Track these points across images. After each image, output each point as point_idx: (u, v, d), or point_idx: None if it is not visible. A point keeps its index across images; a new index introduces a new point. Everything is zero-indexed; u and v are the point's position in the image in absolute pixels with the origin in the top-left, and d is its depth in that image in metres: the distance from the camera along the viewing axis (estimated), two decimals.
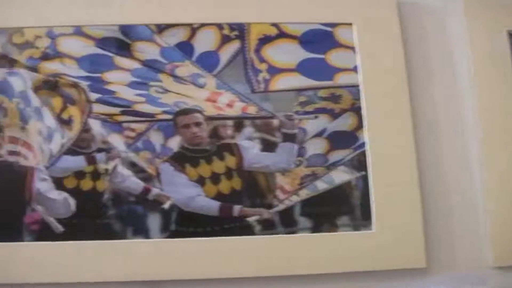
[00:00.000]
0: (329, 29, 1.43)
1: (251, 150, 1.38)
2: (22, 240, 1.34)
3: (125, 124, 1.39)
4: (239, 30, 1.42)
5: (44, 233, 1.34)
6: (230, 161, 1.38)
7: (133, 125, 1.39)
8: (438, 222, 1.38)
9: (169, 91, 1.40)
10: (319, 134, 1.39)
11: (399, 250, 1.33)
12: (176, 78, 1.40)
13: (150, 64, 1.40)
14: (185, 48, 1.41)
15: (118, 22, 1.41)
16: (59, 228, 1.34)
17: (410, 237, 1.34)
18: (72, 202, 1.36)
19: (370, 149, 1.38)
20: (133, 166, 1.38)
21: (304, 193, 1.38)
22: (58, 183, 1.36)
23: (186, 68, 1.41)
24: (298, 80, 1.41)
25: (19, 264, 1.31)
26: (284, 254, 1.33)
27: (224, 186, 1.37)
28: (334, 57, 1.42)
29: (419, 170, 1.38)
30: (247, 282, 1.33)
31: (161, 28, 1.42)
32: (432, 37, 1.49)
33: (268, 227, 1.35)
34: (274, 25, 1.43)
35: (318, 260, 1.33)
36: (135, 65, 1.40)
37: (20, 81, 1.39)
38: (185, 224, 1.35)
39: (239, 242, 1.34)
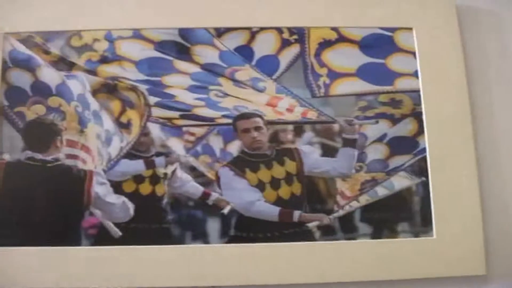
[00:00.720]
0: (389, 33, 1.41)
1: (311, 155, 1.37)
2: (79, 244, 1.33)
3: (184, 128, 1.38)
4: (299, 34, 1.41)
5: (102, 237, 1.34)
6: (290, 166, 1.38)
7: (192, 129, 1.39)
8: (499, 229, 1.37)
9: (229, 95, 1.39)
10: (379, 140, 1.38)
11: (459, 257, 1.32)
12: (236, 82, 1.39)
13: (209, 68, 1.40)
14: (245, 52, 1.41)
15: (177, 26, 1.40)
16: (117, 232, 1.34)
17: (470, 244, 1.33)
18: (130, 206, 1.35)
19: (430, 155, 1.36)
20: (192, 170, 1.38)
21: (364, 199, 1.37)
22: (117, 187, 1.36)
23: (245, 72, 1.40)
24: (358, 85, 1.40)
25: (76, 268, 1.31)
26: (344, 260, 1.33)
27: (284, 191, 1.36)
28: (394, 62, 1.40)
29: (479, 177, 1.37)
30: None
31: (220, 32, 1.41)
32: (491, 41, 1.47)
33: (328, 232, 1.35)
34: (334, 29, 1.42)
35: (378, 266, 1.32)
36: (194, 68, 1.39)
37: (79, 84, 1.39)
38: (245, 229, 1.35)
39: (299, 247, 1.33)
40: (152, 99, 1.39)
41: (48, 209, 1.34)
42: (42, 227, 1.33)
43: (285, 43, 1.41)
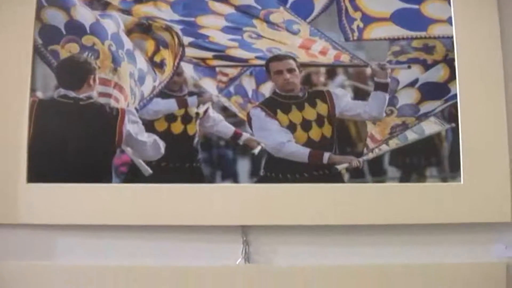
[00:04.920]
0: None
1: (343, 98, 1.38)
2: (110, 182, 1.35)
3: (217, 69, 1.39)
4: None
5: (133, 175, 1.36)
6: (322, 108, 1.38)
7: (225, 70, 1.39)
8: None
9: (263, 37, 1.40)
10: (411, 84, 1.39)
11: (486, 203, 1.33)
12: (270, 24, 1.40)
13: (244, 10, 1.40)
14: None
15: None
16: (148, 170, 1.35)
17: (497, 191, 1.34)
18: (162, 145, 1.36)
19: (461, 101, 1.36)
20: (224, 110, 1.39)
21: (394, 143, 1.38)
22: (149, 126, 1.37)
23: (280, 15, 1.40)
24: (392, 30, 1.40)
25: (107, 205, 1.32)
26: (371, 203, 1.34)
27: (315, 133, 1.37)
28: (429, 8, 1.40)
29: (509, 124, 1.36)
30: (333, 229, 1.34)
31: None
32: None
33: (357, 175, 1.36)
34: None
35: (405, 210, 1.34)
36: (229, 10, 1.40)
37: (113, 23, 1.40)
38: (274, 170, 1.36)
39: (327, 189, 1.34)
40: (186, 39, 1.39)
41: (80, 146, 1.35)
42: (74, 163, 1.35)
43: None
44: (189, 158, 1.37)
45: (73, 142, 1.36)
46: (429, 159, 1.37)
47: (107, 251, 1.35)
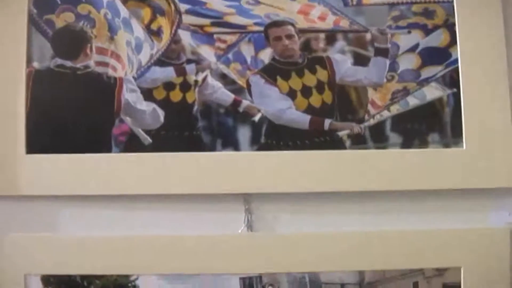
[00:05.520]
0: None
1: (343, 64, 1.36)
2: (110, 151, 1.33)
3: (215, 36, 1.37)
4: None
5: (132, 144, 1.35)
6: (322, 74, 1.37)
7: (223, 37, 1.37)
8: None
9: (261, 3, 1.38)
10: (411, 50, 1.37)
11: (489, 168, 1.32)
12: None
13: None
14: None
15: None
16: (147, 139, 1.34)
17: (500, 155, 1.33)
18: (161, 113, 1.35)
19: (462, 66, 1.35)
20: (223, 77, 1.37)
21: (395, 109, 1.37)
22: (147, 94, 1.35)
23: None
24: None
25: (107, 175, 1.31)
26: (373, 169, 1.32)
27: (315, 99, 1.36)
28: None
29: (511, 88, 1.35)
30: (336, 196, 1.33)
31: None
32: None
33: (358, 141, 1.35)
34: None
35: (407, 176, 1.32)
36: None
37: None
38: (275, 137, 1.35)
39: (329, 156, 1.33)
40: (183, 7, 1.37)
41: (79, 116, 1.34)
42: (73, 134, 1.34)
43: None
44: (188, 126, 1.36)
45: (71, 112, 1.34)
46: (431, 124, 1.36)
47: (108, 221, 1.34)
